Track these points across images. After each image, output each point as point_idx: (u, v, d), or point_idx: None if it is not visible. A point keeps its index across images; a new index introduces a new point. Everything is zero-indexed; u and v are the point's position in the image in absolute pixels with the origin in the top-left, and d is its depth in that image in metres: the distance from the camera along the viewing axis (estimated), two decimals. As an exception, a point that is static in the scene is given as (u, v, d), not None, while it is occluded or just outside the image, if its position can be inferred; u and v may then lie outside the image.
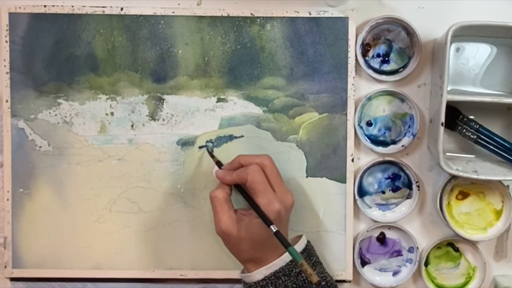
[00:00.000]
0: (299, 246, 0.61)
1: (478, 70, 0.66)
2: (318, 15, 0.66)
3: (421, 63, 0.67)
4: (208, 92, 0.67)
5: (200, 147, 0.67)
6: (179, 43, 0.67)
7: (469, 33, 0.64)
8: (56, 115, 0.67)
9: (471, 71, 0.66)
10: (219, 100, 0.67)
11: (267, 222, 0.57)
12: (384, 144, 0.67)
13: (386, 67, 0.67)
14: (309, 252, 0.62)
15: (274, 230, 0.56)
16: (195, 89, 0.67)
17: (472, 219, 0.67)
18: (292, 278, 0.58)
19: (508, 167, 0.64)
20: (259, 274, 0.59)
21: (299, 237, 0.63)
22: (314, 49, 0.66)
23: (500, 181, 0.66)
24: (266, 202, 0.58)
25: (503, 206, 0.67)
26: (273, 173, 0.60)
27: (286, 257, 0.59)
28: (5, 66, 0.66)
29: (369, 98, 0.67)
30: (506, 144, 0.65)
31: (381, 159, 0.67)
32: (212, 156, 0.66)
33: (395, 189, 0.68)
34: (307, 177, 0.67)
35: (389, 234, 0.68)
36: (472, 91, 0.66)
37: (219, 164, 0.65)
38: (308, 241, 0.63)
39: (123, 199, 0.67)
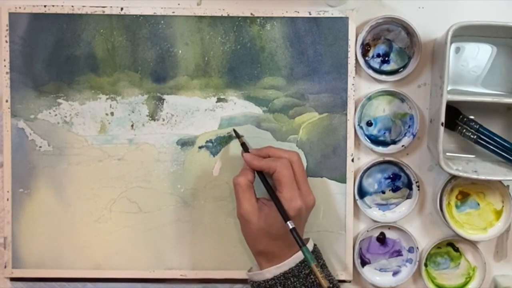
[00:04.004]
0: None
1: (478, 70, 0.66)
2: (318, 15, 0.66)
3: (421, 63, 0.67)
4: (208, 92, 0.67)
5: (233, 129, 0.67)
6: (179, 43, 0.67)
7: (469, 33, 0.64)
8: (56, 115, 0.67)
9: (471, 71, 0.66)
10: (219, 100, 0.67)
11: (285, 217, 0.57)
12: (384, 144, 0.67)
13: (386, 67, 0.67)
14: (316, 255, 0.62)
15: (291, 227, 0.56)
16: (195, 89, 0.67)
17: (472, 219, 0.67)
18: (301, 280, 0.58)
19: (508, 167, 0.64)
20: (268, 273, 0.59)
21: (307, 239, 0.62)
22: (314, 49, 0.67)
23: (500, 181, 0.66)
24: (289, 197, 0.58)
25: (503, 206, 0.67)
26: (299, 170, 0.60)
27: (296, 258, 0.59)
28: (5, 66, 0.66)
29: (369, 98, 0.67)
30: (506, 144, 0.65)
31: (381, 159, 0.67)
32: (239, 137, 0.66)
33: (395, 189, 0.68)
34: (307, 177, 0.67)
35: (389, 234, 0.68)
36: (472, 91, 0.66)
37: (244, 146, 0.64)
38: (315, 244, 0.63)
39: (123, 199, 0.67)
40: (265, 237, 0.59)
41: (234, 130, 0.66)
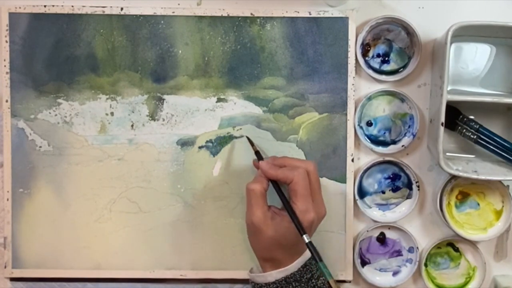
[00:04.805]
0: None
1: (478, 70, 0.66)
2: (318, 15, 0.66)
3: (421, 63, 0.67)
4: (208, 92, 0.67)
5: (246, 137, 0.66)
6: (179, 43, 0.67)
7: (469, 33, 0.64)
8: (56, 115, 0.67)
9: (471, 71, 0.66)
10: (219, 100, 0.67)
11: (301, 230, 0.56)
12: (384, 144, 0.67)
13: (386, 67, 0.67)
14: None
15: (307, 241, 0.56)
16: (195, 89, 0.67)
17: (472, 219, 0.67)
18: (303, 284, 0.58)
19: (508, 167, 0.64)
20: (270, 276, 0.59)
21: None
22: (314, 49, 0.67)
23: (500, 181, 0.66)
24: (303, 208, 0.57)
25: (503, 206, 0.67)
26: (315, 180, 0.59)
27: (298, 263, 0.59)
28: (5, 66, 0.66)
29: (369, 98, 0.67)
30: (506, 144, 0.65)
31: (381, 159, 0.67)
32: (252, 145, 0.65)
33: (395, 189, 0.68)
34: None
35: (389, 234, 0.68)
36: (472, 91, 0.66)
37: (258, 154, 0.64)
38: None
39: (123, 199, 0.67)
40: (274, 246, 0.58)
41: (248, 138, 0.66)
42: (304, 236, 0.56)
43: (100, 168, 0.67)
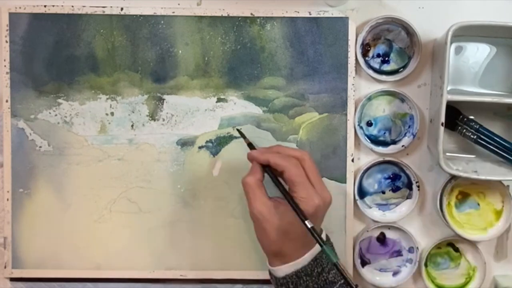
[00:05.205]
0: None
1: (478, 70, 0.66)
2: (318, 15, 0.66)
3: (421, 63, 0.67)
4: (208, 92, 0.67)
5: (236, 129, 0.66)
6: (179, 43, 0.67)
7: (469, 33, 0.64)
8: (56, 115, 0.67)
9: (471, 71, 0.66)
10: (219, 100, 0.67)
11: (302, 217, 0.54)
12: (384, 144, 0.67)
13: (386, 67, 0.67)
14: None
15: (309, 226, 0.53)
16: (195, 89, 0.67)
17: (472, 219, 0.67)
18: (313, 278, 0.57)
19: (508, 167, 0.64)
20: (280, 271, 0.57)
21: (320, 231, 0.60)
22: (314, 49, 0.67)
23: (500, 181, 0.66)
24: (305, 195, 0.55)
25: (503, 206, 0.67)
26: (311, 168, 0.57)
27: (308, 256, 0.57)
28: (5, 66, 0.66)
29: (369, 98, 0.67)
30: (506, 144, 0.65)
31: (381, 159, 0.67)
32: (244, 137, 0.64)
33: (395, 189, 0.68)
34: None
35: (389, 234, 0.68)
36: (472, 91, 0.66)
37: (250, 146, 0.63)
38: (328, 237, 0.61)
39: (123, 199, 0.67)
40: (282, 237, 0.56)
41: (238, 130, 0.66)
42: (306, 221, 0.53)
43: (100, 168, 0.67)
